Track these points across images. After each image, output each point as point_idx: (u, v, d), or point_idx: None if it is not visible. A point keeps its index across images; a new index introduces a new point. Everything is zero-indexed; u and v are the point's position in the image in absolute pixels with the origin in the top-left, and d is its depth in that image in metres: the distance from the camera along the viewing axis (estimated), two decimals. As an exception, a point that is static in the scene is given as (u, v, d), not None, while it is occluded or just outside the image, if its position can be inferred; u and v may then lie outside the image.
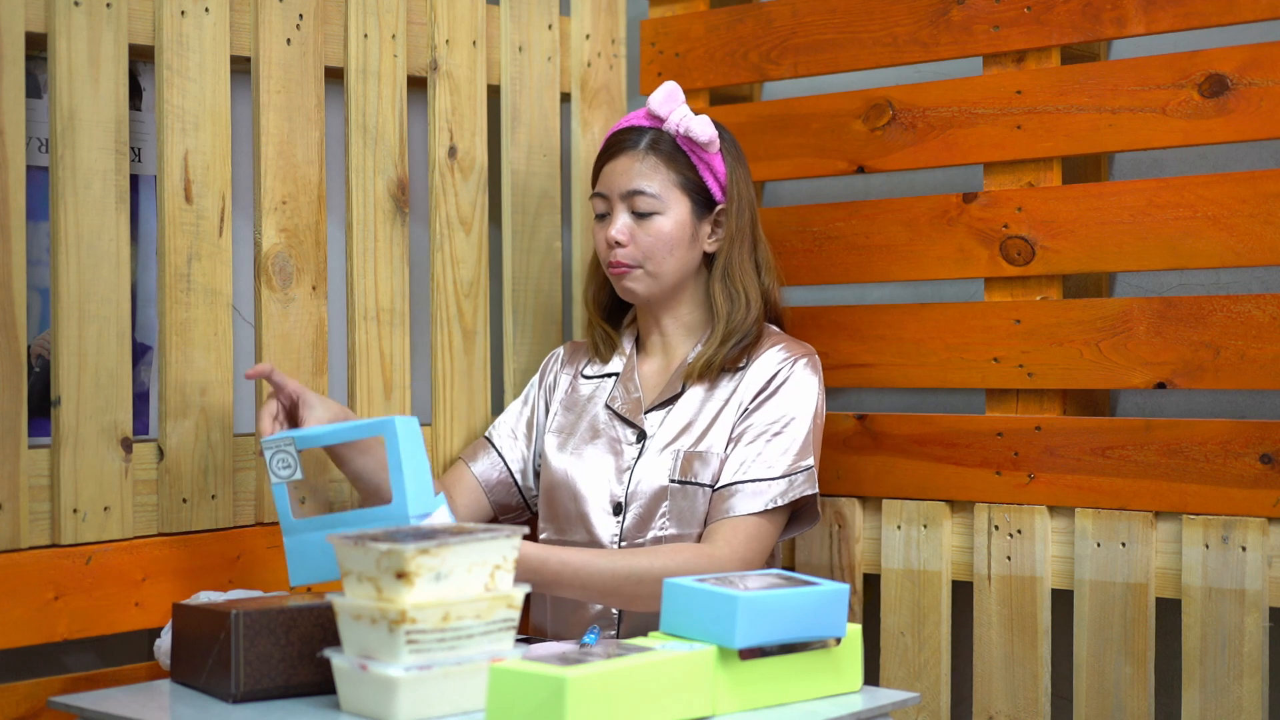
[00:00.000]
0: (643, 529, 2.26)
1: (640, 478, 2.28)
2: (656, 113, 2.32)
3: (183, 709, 1.85)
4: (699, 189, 2.32)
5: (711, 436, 2.27)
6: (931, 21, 2.48)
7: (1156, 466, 2.27)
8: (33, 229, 2.09)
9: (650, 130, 2.32)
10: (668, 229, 2.30)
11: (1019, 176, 2.41)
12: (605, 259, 2.33)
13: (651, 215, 2.29)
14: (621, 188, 2.30)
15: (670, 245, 2.30)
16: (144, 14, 2.16)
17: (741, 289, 2.32)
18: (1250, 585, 2.18)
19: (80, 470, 2.08)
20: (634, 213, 2.30)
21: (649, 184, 2.29)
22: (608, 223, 2.32)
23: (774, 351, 2.32)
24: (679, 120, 2.30)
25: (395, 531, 1.80)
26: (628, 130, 2.34)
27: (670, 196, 2.30)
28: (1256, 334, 2.20)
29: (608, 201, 2.32)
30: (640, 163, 2.30)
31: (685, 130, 2.30)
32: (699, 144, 2.31)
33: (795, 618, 1.83)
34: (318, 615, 1.89)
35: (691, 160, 2.31)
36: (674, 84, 2.33)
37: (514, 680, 1.65)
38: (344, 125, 2.40)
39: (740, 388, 2.29)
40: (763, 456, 2.23)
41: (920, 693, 2.34)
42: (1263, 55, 2.20)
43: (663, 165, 2.30)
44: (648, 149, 2.31)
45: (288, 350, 2.30)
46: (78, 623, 2.07)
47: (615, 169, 2.32)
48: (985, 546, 2.41)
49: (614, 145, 2.34)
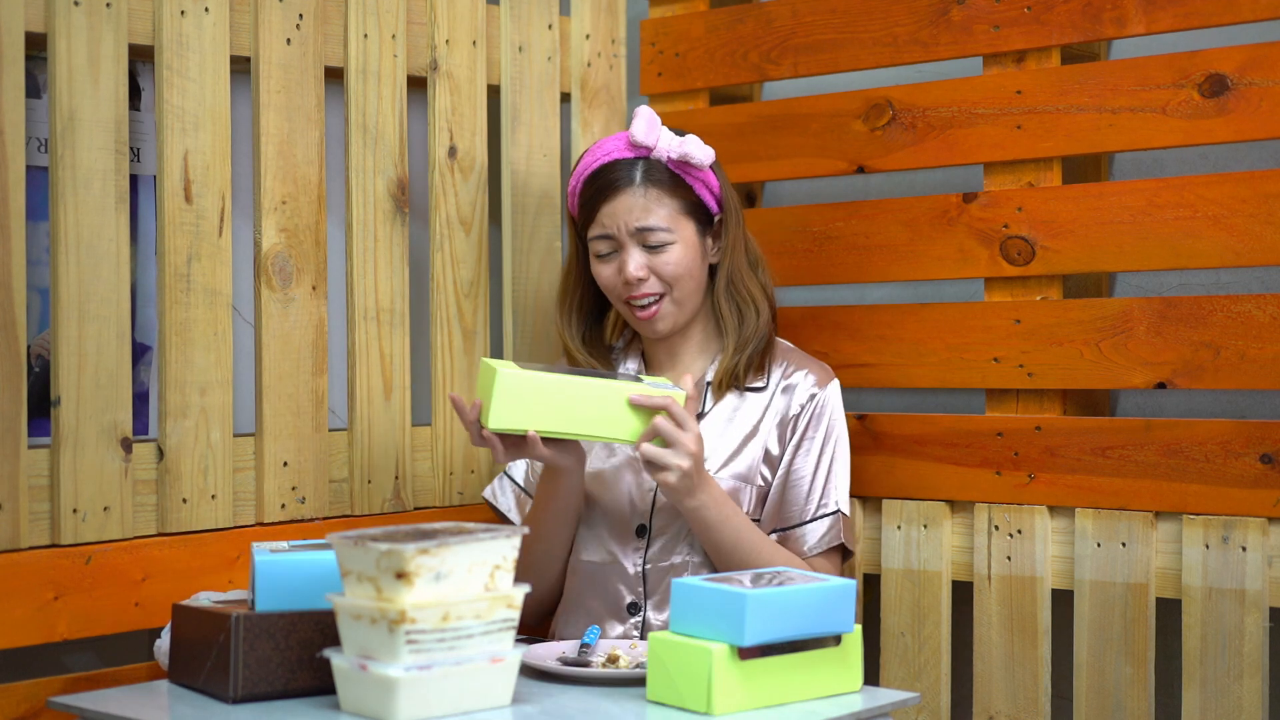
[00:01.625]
0: (669, 553, 2.26)
1: (665, 501, 2.26)
2: (643, 143, 2.25)
3: (183, 709, 1.85)
4: (699, 208, 2.29)
5: (740, 462, 2.27)
6: (931, 21, 2.48)
7: (1156, 466, 2.27)
8: (33, 229, 2.09)
9: (640, 161, 2.27)
10: (682, 256, 2.26)
11: (1019, 176, 2.41)
12: (622, 296, 2.28)
13: (664, 246, 2.25)
14: (630, 226, 2.25)
15: (689, 270, 2.27)
16: (144, 14, 2.16)
17: (748, 296, 2.31)
18: (1250, 585, 2.18)
19: (80, 470, 2.08)
20: (645, 246, 2.26)
21: (657, 218, 2.25)
22: (618, 260, 2.27)
23: (802, 378, 2.31)
24: (669, 146, 2.25)
25: (395, 531, 1.80)
26: (615, 166, 2.27)
27: (678, 225, 2.26)
28: (1256, 334, 2.20)
29: (614, 241, 2.27)
30: (643, 198, 2.25)
31: (682, 156, 2.25)
32: (695, 165, 2.27)
33: (803, 614, 1.84)
34: (318, 619, 1.89)
35: (687, 181, 2.28)
36: (649, 109, 2.27)
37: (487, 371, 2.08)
38: (344, 125, 2.40)
39: (769, 412, 2.29)
40: (824, 492, 2.28)
41: (920, 693, 2.34)
42: (1263, 55, 2.20)
43: (665, 195, 2.26)
44: (645, 182, 2.25)
45: (288, 350, 2.30)
46: (78, 623, 2.07)
47: (617, 209, 2.25)
48: (985, 546, 2.41)
49: (606, 185, 2.27)
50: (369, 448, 2.40)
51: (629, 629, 2.25)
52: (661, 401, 2.09)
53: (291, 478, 2.31)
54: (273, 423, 2.29)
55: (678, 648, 1.83)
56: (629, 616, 2.26)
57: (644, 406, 2.10)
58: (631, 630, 2.25)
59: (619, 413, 2.11)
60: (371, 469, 2.40)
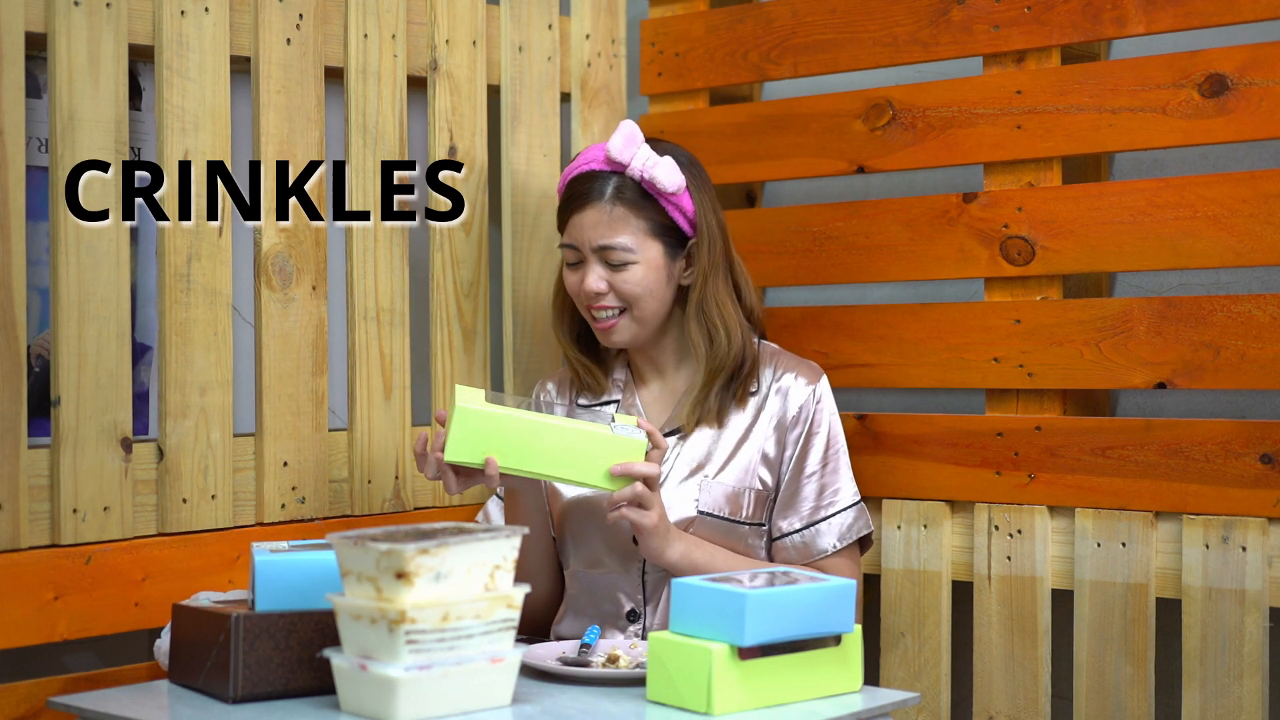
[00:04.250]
0: None
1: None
2: (617, 159, 2.24)
3: (182, 709, 1.85)
4: (669, 230, 2.28)
5: (734, 468, 2.27)
6: (931, 21, 2.48)
7: (1156, 466, 2.27)
8: (33, 229, 2.09)
9: (613, 176, 2.25)
10: (644, 277, 2.25)
11: (1019, 176, 2.41)
12: (584, 304, 2.29)
13: (624, 265, 2.25)
14: (592, 242, 2.25)
15: (649, 290, 2.26)
16: (144, 14, 2.16)
17: (720, 324, 2.28)
18: (1250, 585, 2.18)
19: (80, 470, 2.08)
20: (606, 263, 2.25)
21: (619, 237, 2.24)
22: (582, 272, 2.28)
23: (792, 380, 2.31)
24: (641, 166, 2.24)
25: (395, 531, 1.80)
26: (589, 177, 2.26)
27: (642, 245, 2.25)
28: (1256, 334, 2.20)
29: (578, 253, 2.27)
30: (608, 215, 2.24)
31: (650, 179, 2.24)
32: (660, 190, 2.25)
33: (803, 614, 1.84)
34: (317, 620, 1.89)
35: (659, 204, 2.26)
36: (632, 125, 2.26)
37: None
38: (344, 125, 2.40)
39: (763, 415, 2.29)
40: (831, 492, 2.29)
41: (920, 693, 2.34)
42: (1263, 55, 2.20)
43: (631, 215, 2.24)
44: (613, 199, 2.24)
45: (288, 350, 2.30)
46: (78, 623, 2.07)
47: (583, 222, 2.25)
48: (985, 546, 2.41)
49: (578, 195, 2.27)
50: (369, 448, 2.40)
51: (630, 636, 2.25)
52: (643, 470, 2.11)
53: (291, 478, 2.31)
54: (273, 423, 2.29)
55: (678, 648, 1.83)
56: (629, 624, 2.26)
57: (625, 475, 2.11)
58: (633, 638, 2.25)
59: (582, 458, 2.11)
60: (371, 469, 2.40)
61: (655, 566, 2.24)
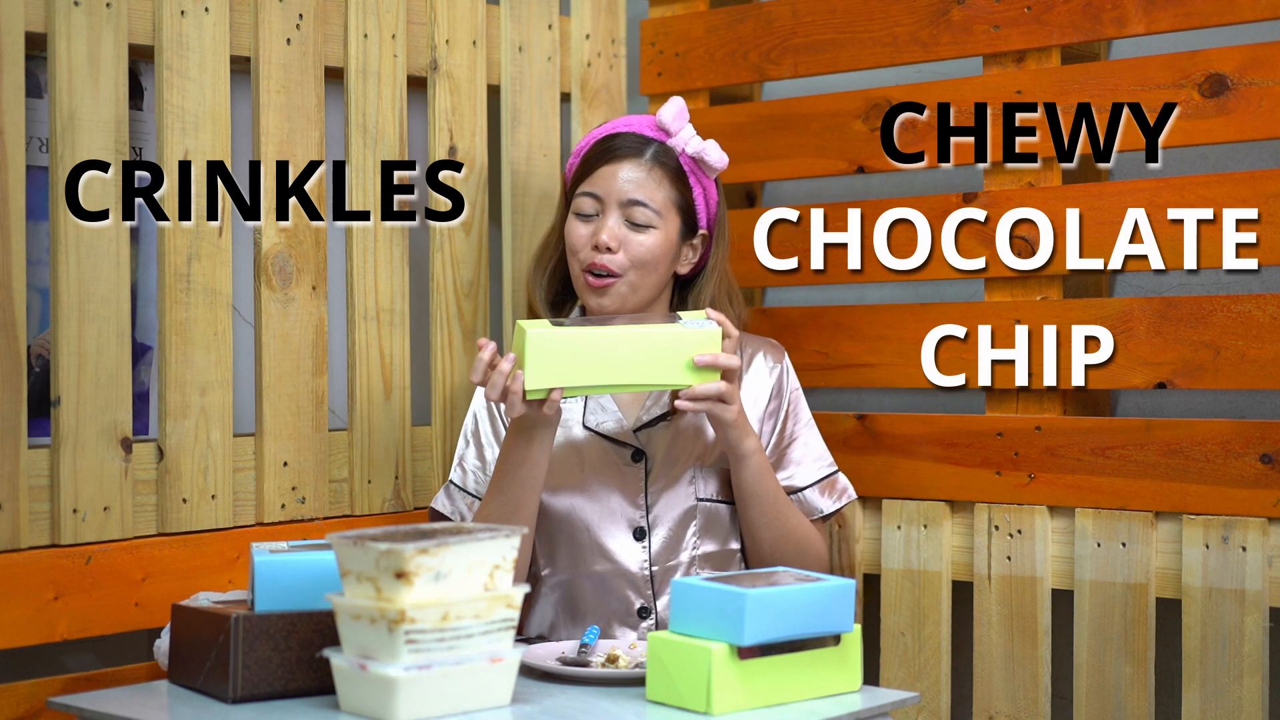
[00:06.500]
0: (674, 551, 2.25)
1: (658, 499, 2.26)
2: (667, 127, 2.26)
3: (182, 709, 1.85)
4: (690, 211, 2.28)
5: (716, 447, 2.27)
6: (931, 21, 2.48)
7: (1156, 466, 2.27)
8: (33, 229, 2.09)
9: (656, 142, 2.26)
10: (657, 244, 2.25)
11: (1019, 176, 2.41)
12: (584, 260, 2.25)
13: (646, 228, 2.24)
14: (622, 195, 2.24)
15: (657, 262, 2.25)
16: (144, 14, 2.16)
17: None
18: (1250, 585, 2.18)
19: (80, 470, 2.08)
20: (628, 222, 2.25)
21: (651, 198, 2.24)
22: (596, 224, 2.25)
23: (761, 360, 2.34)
24: (688, 140, 2.26)
25: (395, 531, 1.80)
26: (632, 136, 2.27)
27: (667, 214, 2.25)
28: (1256, 334, 2.20)
29: (600, 203, 2.25)
30: (646, 174, 2.24)
31: (699, 153, 2.26)
32: (707, 168, 2.28)
33: (802, 614, 1.84)
34: (317, 620, 1.89)
35: (690, 181, 2.28)
36: (681, 100, 2.28)
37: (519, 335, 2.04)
38: (344, 125, 2.40)
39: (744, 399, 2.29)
40: (810, 459, 2.32)
41: (920, 693, 2.34)
42: (1263, 55, 2.20)
43: (666, 181, 2.25)
44: (654, 161, 2.25)
45: (288, 350, 2.30)
46: (77, 623, 2.08)
47: (617, 173, 2.24)
48: (985, 546, 2.41)
49: (615, 148, 2.26)
50: (369, 448, 2.40)
51: (643, 632, 2.24)
52: (726, 362, 2.12)
53: (291, 478, 2.31)
54: (273, 423, 2.29)
55: (677, 647, 1.83)
56: (640, 621, 2.25)
57: (710, 367, 2.11)
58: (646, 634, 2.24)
59: (662, 359, 2.09)
60: (371, 469, 2.40)
61: (660, 558, 2.24)
